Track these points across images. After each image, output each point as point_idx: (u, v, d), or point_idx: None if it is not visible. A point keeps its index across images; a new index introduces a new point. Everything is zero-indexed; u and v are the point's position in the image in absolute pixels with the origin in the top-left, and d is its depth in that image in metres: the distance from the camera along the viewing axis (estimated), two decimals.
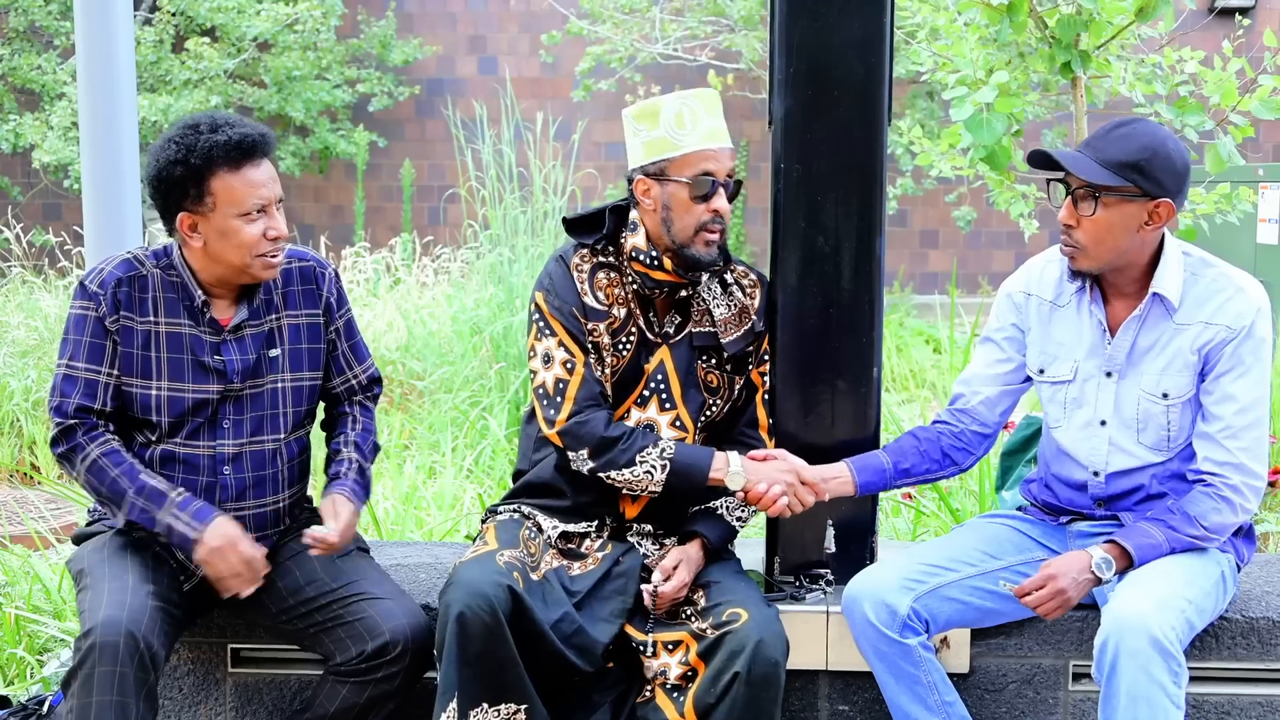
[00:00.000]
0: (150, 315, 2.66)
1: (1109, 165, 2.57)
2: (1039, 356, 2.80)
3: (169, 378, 2.66)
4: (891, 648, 2.63)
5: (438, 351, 6.80)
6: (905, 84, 10.16)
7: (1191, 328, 2.63)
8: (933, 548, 2.77)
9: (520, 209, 8.01)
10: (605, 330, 2.78)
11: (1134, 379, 2.68)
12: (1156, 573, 2.55)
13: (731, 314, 2.84)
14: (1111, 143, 2.59)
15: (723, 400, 2.87)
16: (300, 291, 2.79)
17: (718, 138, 2.76)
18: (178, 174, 2.58)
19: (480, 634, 2.50)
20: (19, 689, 3.38)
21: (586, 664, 2.61)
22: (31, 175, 11.08)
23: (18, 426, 6.20)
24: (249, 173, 2.60)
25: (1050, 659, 2.86)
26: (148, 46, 10.13)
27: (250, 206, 2.60)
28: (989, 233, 11.56)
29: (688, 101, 2.74)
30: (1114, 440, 2.71)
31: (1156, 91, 4.19)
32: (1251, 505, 2.64)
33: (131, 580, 2.57)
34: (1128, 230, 2.60)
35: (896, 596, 2.63)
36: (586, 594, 2.68)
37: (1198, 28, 6.86)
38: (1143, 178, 2.56)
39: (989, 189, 4.74)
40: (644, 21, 10.74)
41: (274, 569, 2.73)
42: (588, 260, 2.82)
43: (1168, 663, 2.42)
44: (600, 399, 2.75)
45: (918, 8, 4.89)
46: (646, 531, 2.82)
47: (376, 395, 2.94)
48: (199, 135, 2.58)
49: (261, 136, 2.63)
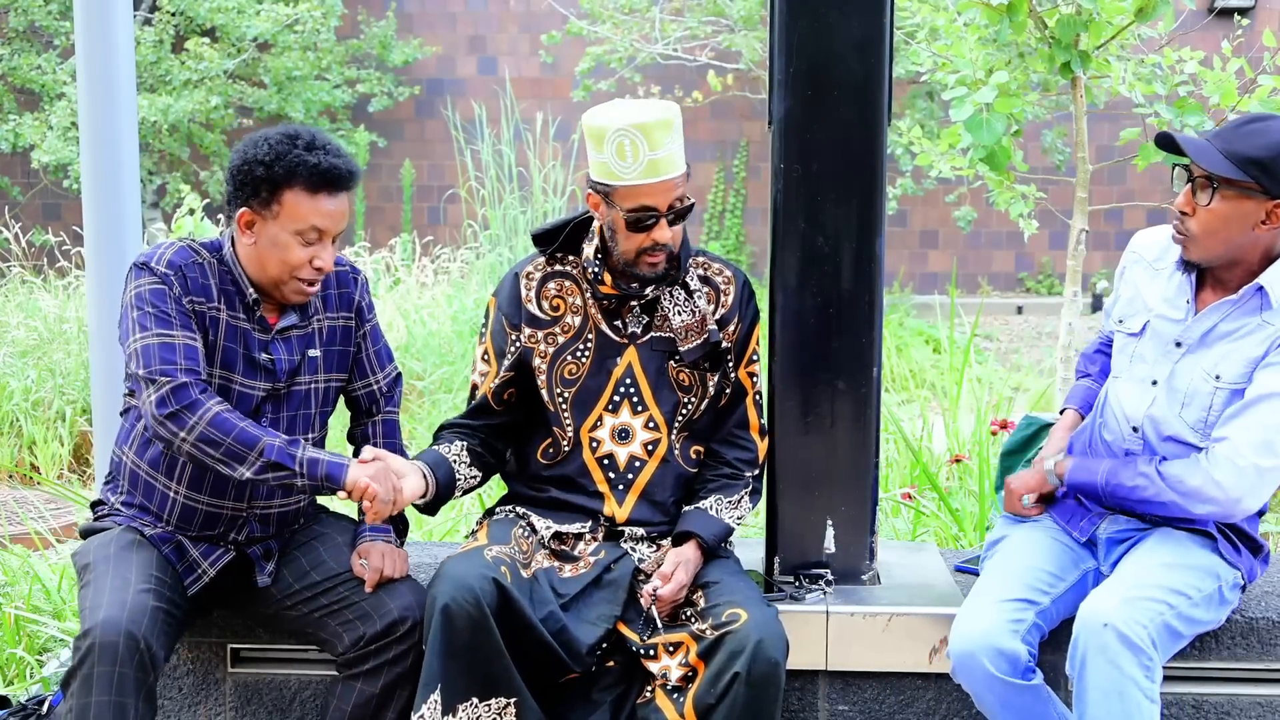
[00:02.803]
0: (214, 302, 2.68)
1: (1233, 158, 2.53)
2: (1123, 307, 2.81)
3: (222, 366, 2.69)
4: (1021, 695, 2.56)
5: (437, 351, 6.81)
6: (905, 84, 10.16)
7: (1273, 327, 2.59)
8: (1006, 577, 2.68)
9: (520, 209, 8.02)
10: (544, 339, 2.83)
11: (1199, 356, 2.65)
12: (1139, 572, 2.56)
13: (693, 321, 2.81)
14: (1241, 136, 2.55)
15: (697, 399, 2.86)
16: (336, 295, 2.86)
17: (660, 170, 2.67)
18: (259, 173, 2.62)
19: (466, 627, 2.51)
20: (19, 689, 3.38)
21: (574, 662, 2.61)
22: (31, 175, 11.08)
23: (17, 426, 6.19)
24: (322, 200, 2.65)
25: (1049, 657, 2.86)
26: (147, 46, 10.13)
27: (308, 229, 2.64)
28: (989, 233, 11.56)
29: (629, 133, 2.64)
30: (1158, 401, 2.68)
31: (1156, 91, 4.20)
32: (1223, 479, 2.56)
33: (133, 579, 2.57)
34: (1242, 226, 2.57)
35: (1010, 642, 2.54)
36: (574, 597, 2.68)
37: (1197, 28, 6.87)
38: (1265, 175, 2.52)
39: (989, 189, 4.75)
40: (644, 22, 10.74)
41: (280, 557, 2.78)
42: (540, 269, 2.87)
43: (1137, 656, 2.42)
44: (488, 415, 2.90)
45: (917, 8, 4.89)
46: (640, 535, 2.82)
47: (398, 398, 3.00)
48: (294, 147, 2.63)
49: (349, 173, 2.67)
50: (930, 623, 2.88)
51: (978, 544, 3.75)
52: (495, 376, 2.87)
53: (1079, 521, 2.80)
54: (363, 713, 2.69)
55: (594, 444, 2.82)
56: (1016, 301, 11.16)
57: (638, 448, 2.82)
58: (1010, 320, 10.73)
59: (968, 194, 10.65)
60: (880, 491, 3.28)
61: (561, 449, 2.83)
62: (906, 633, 2.89)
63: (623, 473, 2.81)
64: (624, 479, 2.82)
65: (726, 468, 2.87)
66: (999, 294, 11.47)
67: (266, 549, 2.79)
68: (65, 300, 7.37)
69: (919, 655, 2.89)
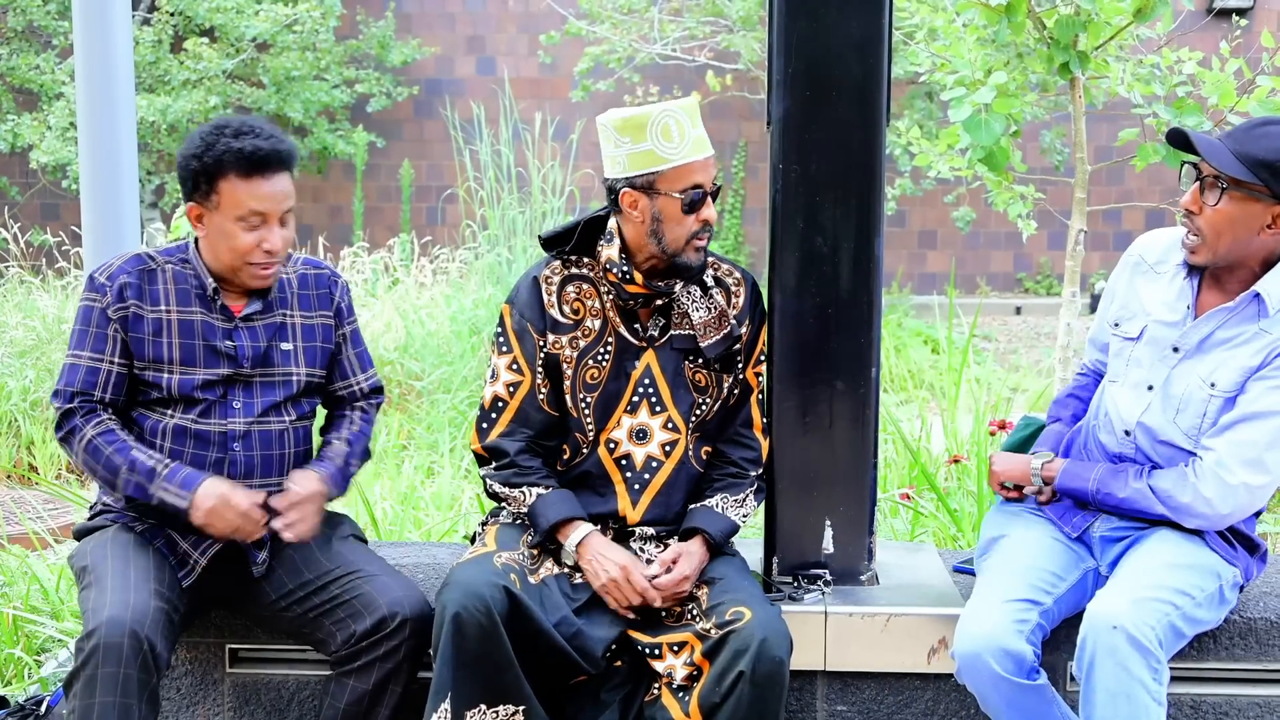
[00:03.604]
0: (161, 304, 2.76)
1: (1244, 159, 2.53)
2: (1119, 310, 2.81)
3: (181, 362, 2.75)
4: (1027, 695, 2.55)
5: (436, 352, 6.81)
6: (904, 85, 10.16)
7: (1270, 335, 2.59)
8: (1010, 576, 2.67)
9: (518, 209, 8.02)
10: (568, 344, 2.81)
11: (1195, 363, 2.65)
12: (1145, 573, 2.55)
13: (711, 317, 2.82)
14: (1254, 138, 2.54)
15: (712, 399, 2.87)
16: (314, 295, 2.90)
17: (703, 148, 2.74)
18: (194, 166, 2.70)
19: (476, 635, 2.51)
20: (17, 689, 3.38)
21: (588, 665, 2.62)
22: (29, 175, 11.07)
23: (15, 426, 6.19)
24: (257, 183, 2.70)
25: (1047, 657, 2.86)
26: (146, 46, 10.13)
27: (248, 214, 2.70)
28: (987, 233, 11.56)
29: (673, 113, 2.71)
30: (1152, 407, 2.68)
31: (1155, 92, 4.20)
32: (1212, 496, 2.57)
33: (134, 579, 2.58)
34: (1248, 228, 2.57)
35: (1015, 642, 2.54)
36: (587, 601, 2.69)
37: (1196, 28, 6.87)
38: (1275, 178, 2.52)
39: (987, 189, 4.75)
40: (642, 22, 10.73)
41: (274, 557, 2.79)
42: (558, 273, 2.85)
43: (1146, 659, 2.42)
44: (531, 425, 2.81)
45: (916, 8, 4.89)
46: (650, 535, 2.82)
47: (378, 405, 3.01)
48: (220, 136, 2.70)
49: (276, 153, 2.71)
50: (929, 623, 2.88)
51: (976, 544, 3.75)
52: (530, 385, 2.81)
53: (1071, 518, 2.81)
54: (356, 710, 2.70)
55: (611, 444, 2.82)
56: (1015, 302, 11.16)
57: (655, 448, 2.82)
58: (1009, 321, 10.73)
59: (966, 194, 10.66)
60: (879, 492, 3.28)
61: (580, 452, 2.83)
62: (905, 633, 2.89)
63: (639, 472, 2.81)
64: (640, 479, 2.82)
65: (732, 467, 2.87)
66: (997, 294, 11.47)
67: (259, 540, 2.78)
68: (63, 300, 7.37)
69: (917, 655, 2.90)
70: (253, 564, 2.77)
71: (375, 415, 3.00)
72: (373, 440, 2.99)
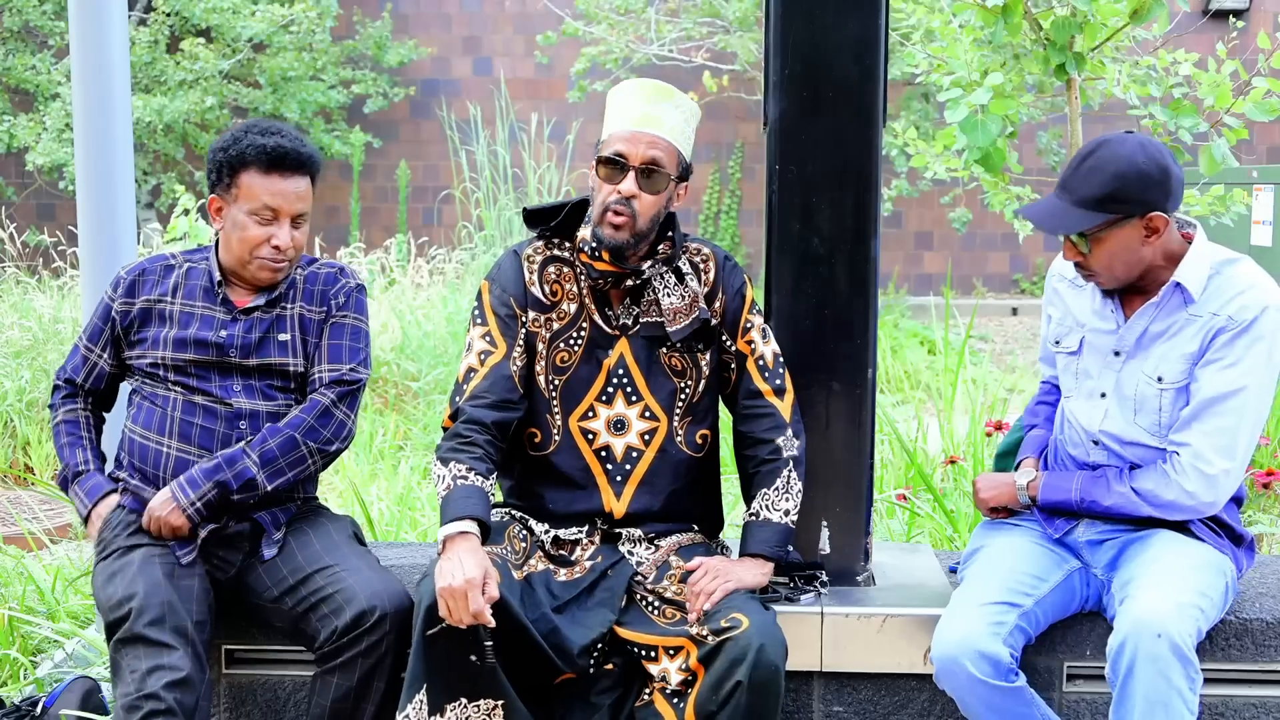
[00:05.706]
0: (167, 296, 2.90)
1: (1086, 205, 2.57)
2: (1056, 329, 2.85)
3: (175, 348, 2.85)
4: (1005, 698, 2.56)
5: (432, 352, 6.81)
6: (900, 86, 10.17)
7: (1201, 319, 2.63)
8: (987, 581, 2.68)
9: (515, 210, 8.01)
10: (544, 324, 2.79)
11: (1139, 361, 2.69)
12: (1174, 576, 2.54)
13: (683, 303, 2.80)
14: (1081, 180, 2.58)
15: (693, 381, 2.84)
16: (319, 291, 2.96)
17: (643, 123, 2.70)
18: (219, 158, 2.84)
19: (451, 628, 2.50)
20: (12, 690, 3.37)
21: (564, 664, 2.60)
22: (26, 176, 11.06)
23: (11, 427, 6.18)
24: (274, 179, 2.82)
25: (1044, 659, 2.87)
26: (142, 47, 10.12)
27: (261, 208, 2.81)
28: (984, 234, 11.57)
29: (642, 86, 2.73)
30: (1110, 413, 2.72)
31: (1151, 93, 4.20)
32: (1195, 489, 2.60)
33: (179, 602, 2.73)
34: (1130, 249, 2.61)
35: (992, 644, 2.54)
36: (569, 600, 2.67)
37: (1192, 30, 6.88)
38: (1121, 204, 2.56)
39: (984, 191, 4.75)
40: (639, 22, 10.73)
41: (276, 552, 2.84)
42: (540, 253, 2.84)
43: (1185, 668, 2.42)
44: (497, 392, 2.72)
45: (912, 9, 4.90)
46: (638, 537, 2.81)
47: (335, 397, 2.88)
48: (249, 133, 2.84)
49: (297, 154, 2.83)
50: (925, 624, 2.88)
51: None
52: (504, 354, 2.75)
53: (1053, 520, 2.82)
54: (342, 706, 2.71)
55: (589, 436, 2.80)
56: (1011, 303, 11.16)
57: (634, 438, 2.81)
58: (1005, 321, 10.73)
59: (963, 195, 10.66)
60: (875, 493, 3.28)
61: (552, 439, 2.80)
62: (901, 634, 2.89)
63: (620, 464, 2.80)
64: (621, 470, 2.80)
65: (759, 448, 2.82)
66: (994, 295, 11.48)
67: (274, 517, 2.85)
68: (59, 301, 7.37)
69: (914, 656, 2.90)
70: (265, 545, 2.83)
71: (328, 403, 2.86)
72: (329, 430, 2.86)
